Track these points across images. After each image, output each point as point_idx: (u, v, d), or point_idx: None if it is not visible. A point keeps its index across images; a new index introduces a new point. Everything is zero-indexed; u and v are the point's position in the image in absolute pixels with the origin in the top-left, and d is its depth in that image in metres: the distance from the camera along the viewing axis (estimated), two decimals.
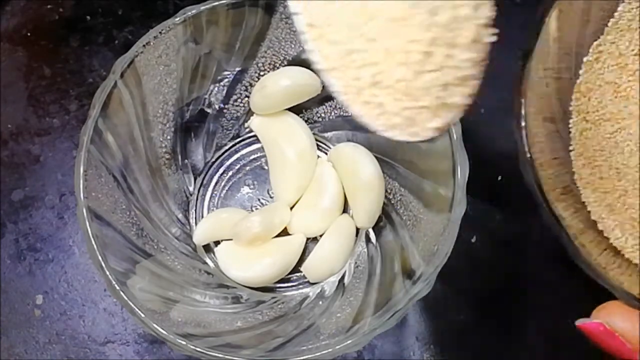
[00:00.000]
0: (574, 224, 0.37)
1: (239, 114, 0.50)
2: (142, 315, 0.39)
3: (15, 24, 0.55)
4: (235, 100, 0.50)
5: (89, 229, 0.40)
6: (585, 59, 0.41)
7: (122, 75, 0.43)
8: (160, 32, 0.44)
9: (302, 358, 0.39)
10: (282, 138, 0.49)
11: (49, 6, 0.55)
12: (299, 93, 0.48)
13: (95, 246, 0.40)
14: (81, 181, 0.41)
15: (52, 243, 0.51)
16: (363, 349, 0.47)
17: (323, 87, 0.49)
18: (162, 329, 0.39)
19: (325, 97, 0.50)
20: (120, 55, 0.43)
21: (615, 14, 0.41)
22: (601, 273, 0.35)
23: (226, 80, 0.49)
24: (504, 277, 0.49)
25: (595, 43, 0.41)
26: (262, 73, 0.49)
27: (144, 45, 0.44)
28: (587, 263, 0.35)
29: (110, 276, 0.40)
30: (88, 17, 0.55)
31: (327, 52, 0.31)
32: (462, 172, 0.41)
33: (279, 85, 0.48)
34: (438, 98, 0.30)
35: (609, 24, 0.41)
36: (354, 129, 0.50)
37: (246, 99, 0.50)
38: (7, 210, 0.51)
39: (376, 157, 0.48)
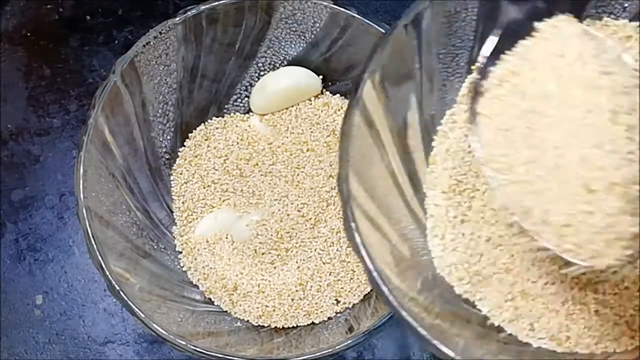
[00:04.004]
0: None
1: (239, 113, 0.50)
2: (142, 315, 0.39)
3: (15, 24, 0.55)
4: (235, 100, 0.50)
5: (88, 229, 0.40)
6: (439, 129, 0.39)
7: (122, 75, 0.43)
8: (160, 32, 0.44)
9: (302, 358, 0.39)
10: None
11: (48, 6, 0.55)
12: (299, 93, 0.48)
13: (95, 246, 0.40)
14: (81, 181, 0.41)
15: (52, 243, 0.51)
16: (363, 349, 0.46)
17: (323, 87, 0.49)
18: (162, 329, 0.39)
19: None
20: (120, 55, 0.43)
21: (466, 82, 0.39)
22: None
23: (226, 80, 0.49)
24: None
25: (448, 112, 0.39)
26: (262, 73, 0.49)
27: (144, 45, 0.44)
28: None
29: (110, 276, 0.40)
30: (88, 17, 0.55)
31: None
32: None
33: (279, 85, 0.48)
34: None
35: (460, 93, 0.39)
36: None
37: (246, 99, 0.50)
38: (7, 210, 0.51)
39: None
